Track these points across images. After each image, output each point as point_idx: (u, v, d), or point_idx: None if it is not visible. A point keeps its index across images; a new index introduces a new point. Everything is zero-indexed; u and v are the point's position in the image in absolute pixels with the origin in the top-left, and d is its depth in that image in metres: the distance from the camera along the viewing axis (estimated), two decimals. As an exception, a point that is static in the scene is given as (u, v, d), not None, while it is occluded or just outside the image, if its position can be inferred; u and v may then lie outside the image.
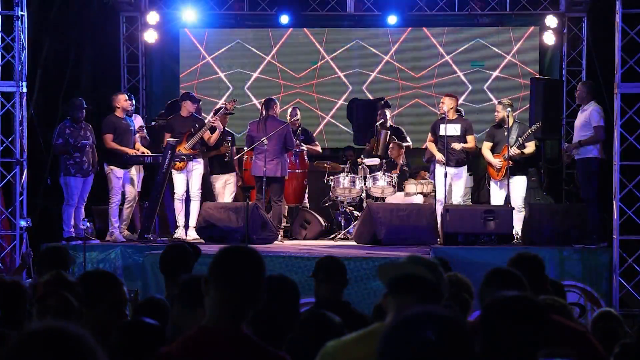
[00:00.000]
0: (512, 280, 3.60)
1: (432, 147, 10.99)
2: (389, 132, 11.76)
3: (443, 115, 10.71)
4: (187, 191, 10.84)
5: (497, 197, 10.71)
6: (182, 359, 2.74)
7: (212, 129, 10.92)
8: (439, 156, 10.69)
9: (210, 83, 13.93)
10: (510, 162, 10.42)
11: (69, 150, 10.11)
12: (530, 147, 10.57)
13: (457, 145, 10.63)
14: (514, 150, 10.42)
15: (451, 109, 10.75)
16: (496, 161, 10.58)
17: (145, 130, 11.29)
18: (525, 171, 10.89)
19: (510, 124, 10.53)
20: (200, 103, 12.17)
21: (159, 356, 2.81)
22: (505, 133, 10.48)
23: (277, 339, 3.21)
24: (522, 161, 10.61)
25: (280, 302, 3.38)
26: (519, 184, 10.60)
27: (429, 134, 11.09)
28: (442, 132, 10.65)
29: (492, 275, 3.69)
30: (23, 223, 9.57)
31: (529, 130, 10.52)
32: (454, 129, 10.70)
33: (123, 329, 3.46)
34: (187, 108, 10.90)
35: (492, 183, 10.89)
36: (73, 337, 1.77)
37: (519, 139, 10.46)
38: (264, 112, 10.80)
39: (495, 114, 10.85)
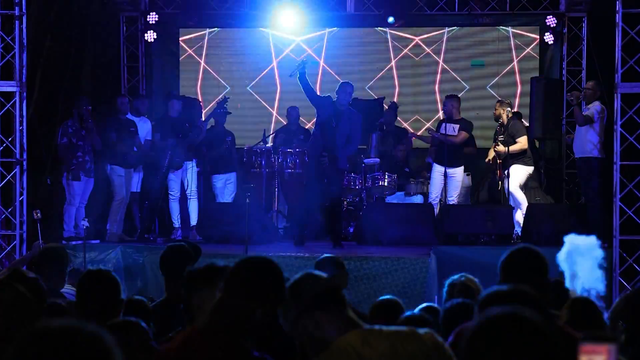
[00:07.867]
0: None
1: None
2: (380, 134, 11.80)
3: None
4: (184, 191, 10.85)
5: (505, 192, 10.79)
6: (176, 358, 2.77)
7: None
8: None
9: (210, 82, 13.91)
10: (499, 160, 10.53)
11: (69, 158, 10.13)
12: (520, 142, 10.52)
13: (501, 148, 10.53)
14: (498, 147, 10.53)
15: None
16: (489, 157, 10.85)
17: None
18: (517, 160, 10.61)
19: (505, 122, 10.63)
20: (202, 103, 12.17)
21: (157, 355, 2.85)
22: (503, 130, 10.62)
23: (266, 337, 3.23)
24: (509, 157, 10.53)
25: None
26: (512, 173, 10.47)
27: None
28: (441, 131, 10.76)
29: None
30: (35, 215, 9.53)
31: (516, 126, 10.56)
32: (452, 129, 10.73)
33: (112, 328, 3.47)
34: (175, 108, 10.96)
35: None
36: (88, 336, 1.69)
37: (506, 133, 10.52)
38: None
39: (494, 111, 10.97)
